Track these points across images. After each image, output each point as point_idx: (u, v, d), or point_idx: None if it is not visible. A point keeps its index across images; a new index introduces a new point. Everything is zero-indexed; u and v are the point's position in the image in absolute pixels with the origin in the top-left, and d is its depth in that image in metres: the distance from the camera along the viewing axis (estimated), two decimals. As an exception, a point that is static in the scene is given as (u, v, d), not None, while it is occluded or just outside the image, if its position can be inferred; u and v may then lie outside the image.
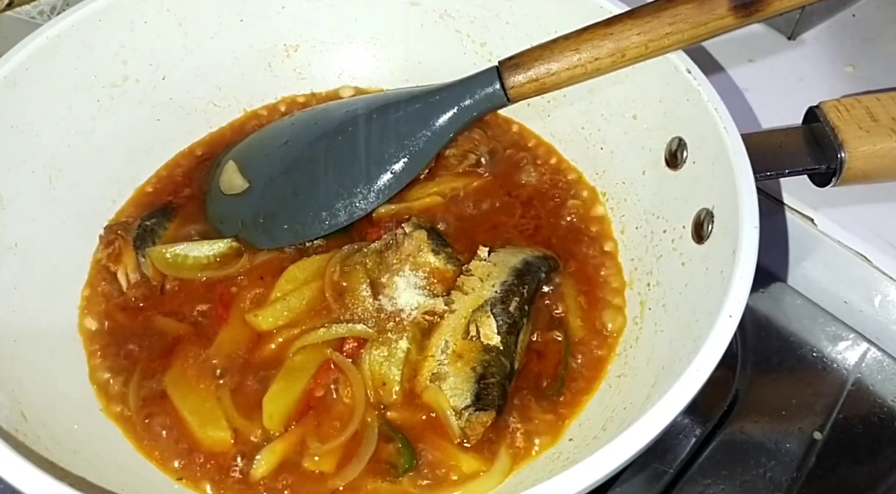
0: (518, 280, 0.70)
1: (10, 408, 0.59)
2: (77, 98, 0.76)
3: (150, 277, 0.73)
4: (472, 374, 0.65)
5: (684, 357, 0.55)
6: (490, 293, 0.68)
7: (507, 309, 0.68)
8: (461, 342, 0.66)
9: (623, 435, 0.49)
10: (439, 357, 0.66)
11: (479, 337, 0.66)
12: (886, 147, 0.65)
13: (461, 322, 0.67)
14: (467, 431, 0.63)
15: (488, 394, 0.64)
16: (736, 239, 0.58)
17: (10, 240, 0.69)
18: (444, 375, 0.65)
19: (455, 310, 0.68)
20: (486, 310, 0.67)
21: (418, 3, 0.85)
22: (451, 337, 0.67)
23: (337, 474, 0.63)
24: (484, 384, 0.64)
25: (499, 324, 0.66)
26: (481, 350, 0.66)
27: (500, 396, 0.65)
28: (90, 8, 0.74)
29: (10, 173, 0.70)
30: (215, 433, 0.65)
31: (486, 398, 0.64)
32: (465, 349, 0.66)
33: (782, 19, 0.98)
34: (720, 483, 0.72)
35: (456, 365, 0.65)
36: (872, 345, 0.81)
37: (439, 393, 0.65)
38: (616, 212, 0.77)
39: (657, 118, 0.72)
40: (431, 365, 0.66)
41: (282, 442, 0.64)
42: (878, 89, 0.72)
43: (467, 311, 0.67)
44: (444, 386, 0.65)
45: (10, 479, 0.48)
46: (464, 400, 0.64)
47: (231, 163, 0.80)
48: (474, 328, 0.66)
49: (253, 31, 0.85)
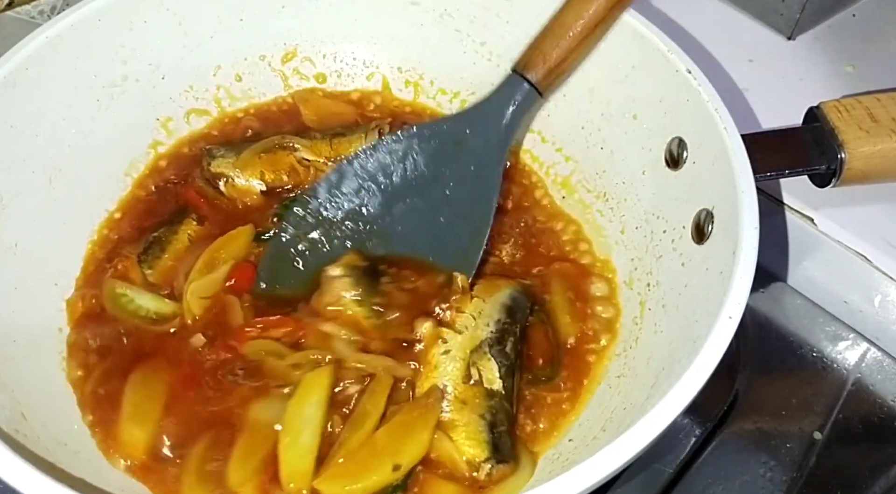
0: (510, 318, 0.67)
1: (10, 409, 0.59)
2: (77, 98, 0.75)
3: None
4: (482, 422, 0.61)
5: (684, 357, 0.55)
6: (485, 333, 0.65)
7: (503, 351, 0.64)
8: (462, 386, 0.62)
9: (623, 436, 0.49)
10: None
11: (481, 382, 0.62)
12: (886, 147, 0.65)
13: (459, 364, 0.63)
14: (485, 484, 0.60)
15: (503, 444, 0.61)
16: (736, 239, 0.58)
17: (10, 240, 0.69)
18: (452, 423, 0.60)
19: (450, 350, 0.63)
20: (485, 352, 0.63)
21: (418, 2, 0.85)
22: (450, 380, 0.62)
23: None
24: (497, 433, 0.61)
25: (499, 368, 0.63)
26: (485, 395, 0.62)
27: (513, 445, 0.62)
28: (90, 8, 0.74)
29: (10, 173, 0.70)
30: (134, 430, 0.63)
31: (503, 448, 0.60)
32: (468, 394, 0.62)
33: (782, 19, 0.98)
34: (720, 483, 0.72)
35: (462, 412, 0.61)
36: (872, 345, 0.81)
37: (449, 442, 0.60)
38: (616, 211, 0.77)
39: (657, 118, 0.72)
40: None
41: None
42: (878, 89, 0.72)
43: (465, 352, 0.63)
44: (456, 435, 0.60)
45: (9, 480, 0.48)
46: (482, 452, 0.60)
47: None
48: (476, 371, 0.62)
49: (253, 31, 0.85)
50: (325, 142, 0.80)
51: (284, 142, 0.80)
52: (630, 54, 0.73)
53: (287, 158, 0.79)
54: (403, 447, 0.60)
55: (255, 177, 0.79)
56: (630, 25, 0.72)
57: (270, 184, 0.79)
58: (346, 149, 0.79)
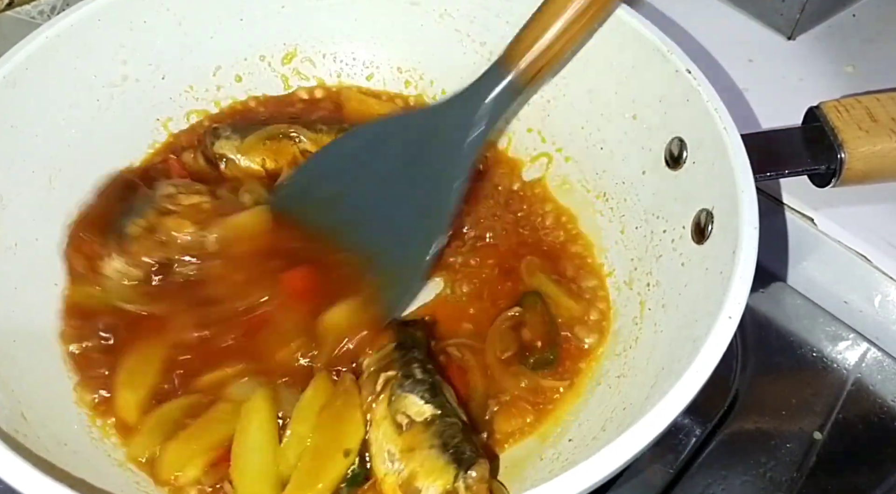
0: (403, 349, 0.65)
1: (9, 409, 0.59)
2: (77, 98, 0.75)
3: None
4: (434, 450, 0.58)
5: (684, 357, 0.55)
6: (382, 380, 0.63)
7: (416, 379, 0.62)
8: (400, 439, 0.60)
9: (623, 436, 0.49)
10: (393, 469, 0.59)
11: (413, 421, 0.60)
12: (886, 147, 0.65)
13: (385, 423, 0.61)
14: (475, 491, 0.58)
15: (463, 451, 0.58)
16: (736, 239, 0.58)
17: (10, 239, 0.69)
18: (412, 476, 0.58)
19: (371, 421, 0.62)
20: (399, 394, 0.61)
21: (418, 2, 0.85)
22: (389, 443, 0.60)
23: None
24: (453, 447, 0.58)
25: (420, 395, 0.61)
26: (424, 428, 0.60)
27: (475, 446, 0.59)
28: (90, 8, 0.74)
29: (10, 173, 0.70)
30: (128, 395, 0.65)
31: (465, 453, 0.58)
32: (408, 441, 0.59)
33: (782, 19, 0.98)
34: (720, 483, 0.72)
35: (414, 459, 0.59)
36: (872, 345, 0.81)
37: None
38: (616, 211, 0.77)
39: (657, 118, 0.72)
40: (392, 482, 0.59)
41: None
42: (878, 89, 0.72)
43: (384, 411, 0.61)
44: (421, 483, 0.57)
45: (9, 480, 0.48)
46: (449, 474, 0.57)
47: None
48: (402, 417, 0.60)
49: (253, 31, 0.85)
50: (331, 136, 0.80)
51: (290, 132, 0.80)
52: (630, 54, 0.73)
53: (290, 148, 0.80)
54: (343, 432, 0.62)
55: (256, 164, 0.79)
56: (630, 25, 0.72)
57: (269, 171, 0.79)
58: None
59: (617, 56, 0.74)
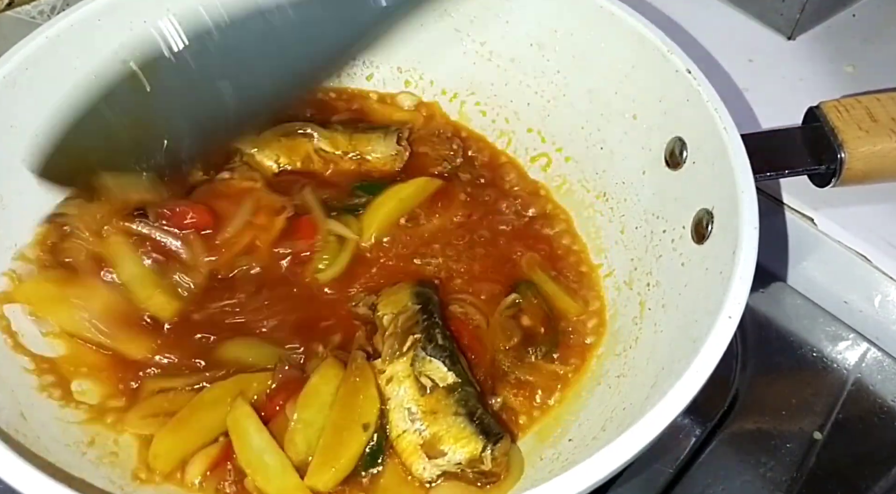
0: (425, 313, 0.67)
1: (9, 409, 0.59)
2: (77, 98, 0.75)
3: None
4: (460, 418, 0.61)
5: (684, 357, 0.55)
6: (411, 341, 0.64)
7: (438, 345, 0.64)
8: (423, 399, 0.62)
9: (623, 436, 0.49)
10: (413, 427, 0.62)
11: (437, 385, 0.62)
12: (886, 147, 0.65)
13: (408, 382, 0.63)
14: (495, 469, 0.61)
15: (489, 424, 0.61)
16: (736, 239, 0.58)
17: (10, 240, 0.69)
18: (436, 438, 0.61)
19: (392, 376, 0.64)
20: (423, 357, 0.63)
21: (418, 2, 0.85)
22: (410, 401, 0.62)
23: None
24: (478, 418, 0.61)
25: (442, 360, 0.63)
26: (447, 394, 0.62)
27: (497, 420, 0.63)
28: (90, 8, 0.74)
29: (10, 173, 0.70)
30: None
31: (492, 427, 0.61)
32: (432, 404, 0.62)
33: (782, 19, 0.98)
34: (720, 483, 0.72)
35: (438, 422, 0.61)
36: (872, 345, 0.81)
37: (448, 458, 0.60)
38: (616, 211, 0.77)
39: (657, 118, 0.72)
40: (412, 441, 0.62)
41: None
42: (878, 89, 0.72)
43: (406, 368, 0.63)
44: (445, 447, 0.60)
45: (9, 480, 0.48)
46: (477, 444, 0.60)
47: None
48: (426, 379, 0.63)
49: (253, 31, 0.85)
50: (346, 136, 0.81)
51: (306, 130, 0.81)
52: (630, 54, 0.73)
53: (305, 146, 0.81)
54: (361, 408, 0.63)
55: (271, 159, 0.80)
56: (630, 25, 0.72)
57: (282, 167, 0.80)
58: (364, 146, 0.81)
59: (617, 56, 0.74)
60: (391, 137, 0.81)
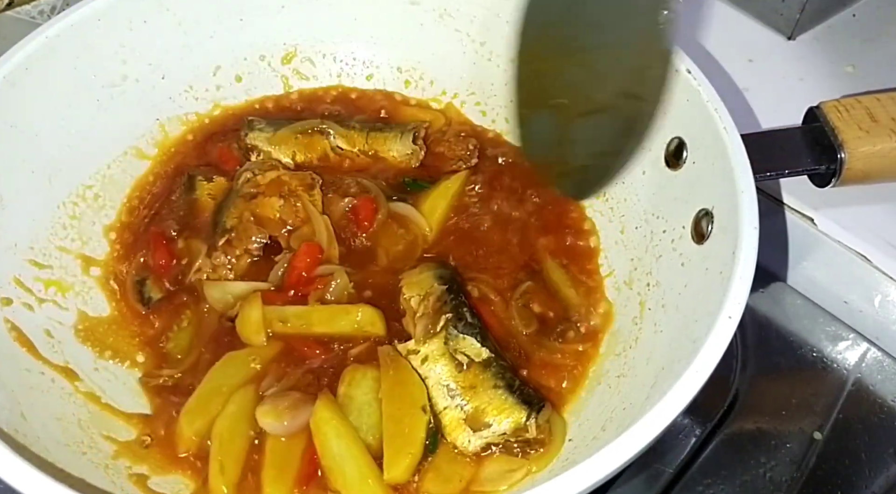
0: (451, 292, 0.68)
1: (9, 409, 0.60)
2: (77, 98, 0.75)
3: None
4: (500, 390, 0.63)
5: (684, 357, 0.55)
6: (442, 321, 0.66)
7: (468, 322, 0.66)
8: (460, 376, 0.64)
9: (623, 436, 0.49)
10: (454, 403, 0.63)
11: (473, 360, 0.64)
12: (886, 147, 0.65)
13: (443, 360, 0.65)
14: (540, 435, 0.62)
15: (528, 394, 0.63)
16: (736, 239, 0.58)
17: (10, 239, 0.69)
18: (480, 412, 0.62)
19: (427, 356, 0.65)
20: (456, 335, 0.65)
21: (418, 2, 0.85)
22: (448, 378, 0.64)
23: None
24: (517, 389, 0.63)
25: (475, 337, 0.65)
26: (483, 368, 0.64)
27: (535, 390, 0.65)
28: (90, 8, 0.74)
29: (10, 173, 0.70)
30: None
31: (532, 396, 0.63)
32: (470, 379, 0.64)
33: (782, 19, 0.98)
34: (720, 483, 0.72)
35: (479, 396, 0.63)
36: (872, 345, 0.81)
37: (493, 430, 0.62)
38: (616, 211, 0.77)
39: (657, 118, 0.72)
40: (455, 416, 0.63)
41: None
42: (878, 89, 0.72)
43: (440, 346, 0.65)
44: (491, 418, 0.62)
45: (9, 480, 0.48)
46: (520, 413, 0.62)
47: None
48: (461, 356, 0.64)
49: (252, 31, 0.85)
50: (363, 134, 0.82)
51: (323, 127, 0.81)
52: (630, 54, 0.73)
53: (322, 143, 0.81)
54: (411, 394, 0.64)
55: (287, 156, 0.81)
56: (630, 25, 0.72)
57: (299, 164, 0.81)
58: (380, 144, 0.81)
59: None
60: (407, 136, 0.81)
